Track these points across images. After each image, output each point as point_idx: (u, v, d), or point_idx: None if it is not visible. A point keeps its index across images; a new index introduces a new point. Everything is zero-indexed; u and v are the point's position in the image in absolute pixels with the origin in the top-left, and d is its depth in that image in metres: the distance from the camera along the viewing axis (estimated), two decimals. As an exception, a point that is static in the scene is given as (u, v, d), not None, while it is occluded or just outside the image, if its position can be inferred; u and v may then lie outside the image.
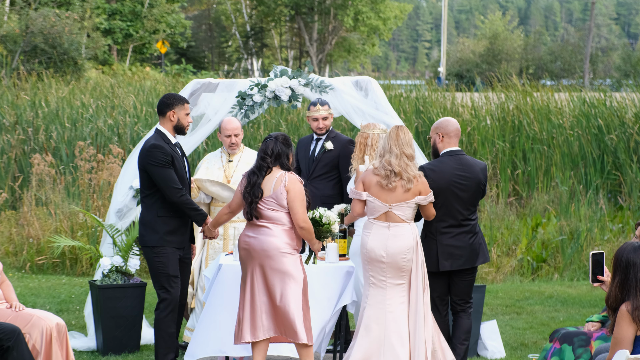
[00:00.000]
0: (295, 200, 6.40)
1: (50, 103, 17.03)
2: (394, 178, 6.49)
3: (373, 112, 8.11)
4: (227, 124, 7.82)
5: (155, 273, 6.83)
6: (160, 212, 6.79)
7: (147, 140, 6.86)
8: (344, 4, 48.96)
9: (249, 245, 6.46)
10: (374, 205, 6.55)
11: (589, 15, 60.38)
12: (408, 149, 6.54)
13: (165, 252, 6.80)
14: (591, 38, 48.10)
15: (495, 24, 59.89)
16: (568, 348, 6.27)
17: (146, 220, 6.83)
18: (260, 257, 6.42)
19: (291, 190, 6.40)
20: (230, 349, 7.09)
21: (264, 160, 6.45)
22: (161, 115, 6.89)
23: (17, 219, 12.54)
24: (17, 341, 6.17)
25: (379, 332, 6.50)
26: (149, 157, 6.72)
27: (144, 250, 6.87)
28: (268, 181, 6.43)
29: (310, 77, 8.20)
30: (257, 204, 6.41)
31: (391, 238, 6.51)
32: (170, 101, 6.88)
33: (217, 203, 7.82)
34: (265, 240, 6.41)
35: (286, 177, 6.42)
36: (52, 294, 10.14)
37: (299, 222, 6.42)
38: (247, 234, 6.50)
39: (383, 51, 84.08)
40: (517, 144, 15.43)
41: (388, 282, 6.53)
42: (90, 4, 35.73)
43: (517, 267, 11.66)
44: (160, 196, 6.78)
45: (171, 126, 6.88)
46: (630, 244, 5.28)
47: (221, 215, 6.76)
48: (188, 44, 47.12)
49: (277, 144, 6.48)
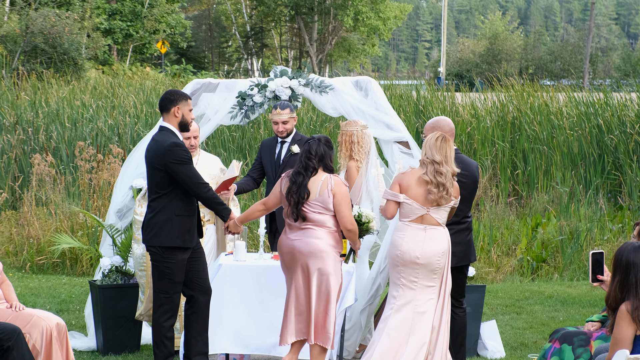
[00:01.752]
0: (342, 203, 6.40)
1: (51, 103, 17.03)
2: (442, 188, 6.44)
3: (373, 112, 8.11)
4: None
5: (160, 276, 6.64)
6: (178, 211, 6.58)
7: (162, 139, 6.61)
8: (344, 4, 48.97)
9: (293, 247, 6.41)
10: (411, 208, 6.49)
11: (588, 15, 60.38)
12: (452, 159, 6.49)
13: (175, 257, 6.61)
14: (591, 38, 48.09)
15: (495, 24, 59.92)
16: (568, 348, 6.28)
17: (160, 220, 6.57)
18: (305, 259, 6.39)
19: (337, 193, 6.40)
20: (231, 347, 7.10)
21: (310, 160, 6.41)
22: (165, 112, 6.69)
23: (17, 219, 12.55)
24: (17, 341, 6.17)
25: (404, 332, 6.49)
26: (171, 155, 6.50)
27: (153, 250, 6.65)
28: (313, 183, 6.41)
29: (310, 77, 8.20)
30: (302, 205, 6.38)
31: (428, 241, 6.48)
32: (173, 97, 6.70)
33: None
34: (310, 242, 6.38)
35: (332, 181, 6.42)
36: (52, 294, 10.14)
37: (346, 224, 6.42)
38: (290, 237, 6.46)
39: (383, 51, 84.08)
40: (517, 144, 15.43)
41: (419, 283, 6.51)
42: (90, 4, 35.74)
43: (517, 267, 11.66)
44: (177, 195, 6.58)
45: (176, 122, 6.69)
46: (630, 244, 5.28)
47: (254, 212, 6.71)
48: (188, 44, 47.14)
49: (321, 145, 6.47)
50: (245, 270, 7.16)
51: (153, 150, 6.61)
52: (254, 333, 7.13)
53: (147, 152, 6.68)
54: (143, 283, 7.60)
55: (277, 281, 7.10)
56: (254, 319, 7.13)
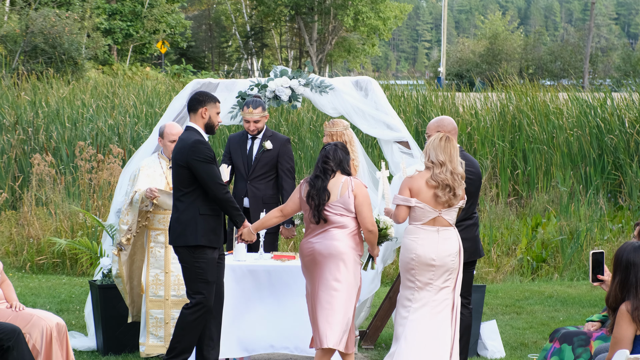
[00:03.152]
0: (363, 205, 6.41)
1: (51, 103, 17.03)
2: (448, 190, 6.48)
3: (373, 112, 8.11)
4: (171, 129, 7.54)
5: (192, 277, 6.56)
6: (202, 209, 6.55)
7: (187, 137, 6.58)
8: (344, 4, 48.97)
9: (313, 250, 6.41)
10: (424, 212, 6.50)
11: (588, 15, 60.38)
12: (456, 159, 6.54)
13: (206, 255, 6.56)
14: (591, 38, 48.10)
15: (495, 24, 59.93)
16: (568, 348, 6.28)
17: (185, 219, 6.54)
18: (325, 261, 6.38)
19: (359, 194, 6.41)
20: (230, 351, 7.09)
21: (327, 164, 6.43)
22: (192, 112, 6.66)
23: (17, 219, 12.55)
24: (17, 341, 6.17)
25: (423, 334, 6.51)
26: (195, 152, 6.48)
27: (180, 250, 6.59)
28: (333, 185, 6.42)
29: (310, 77, 8.20)
30: (323, 207, 6.38)
31: (442, 242, 6.52)
32: (202, 98, 6.68)
33: (156, 210, 7.56)
34: (331, 244, 6.38)
35: (352, 182, 6.43)
36: (52, 294, 10.14)
37: (367, 225, 6.43)
38: (310, 240, 6.46)
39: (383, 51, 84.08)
40: (517, 144, 15.43)
41: (434, 284, 6.54)
42: (90, 4, 35.73)
43: (517, 267, 11.66)
44: (200, 194, 6.55)
45: (202, 124, 6.65)
46: (631, 243, 5.28)
47: (270, 219, 6.70)
48: (188, 44, 47.12)
49: (338, 150, 6.49)
50: (245, 270, 7.15)
51: (178, 148, 6.61)
52: (254, 333, 7.13)
53: (173, 151, 6.69)
54: (121, 289, 7.57)
55: (277, 281, 7.11)
56: (254, 318, 7.13)
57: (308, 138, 15.56)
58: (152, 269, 7.60)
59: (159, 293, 7.60)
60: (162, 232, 7.55)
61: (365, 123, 8.14)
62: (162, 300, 7.60)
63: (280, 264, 7.18)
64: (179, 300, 7.58)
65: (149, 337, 7.56)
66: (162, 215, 7.55)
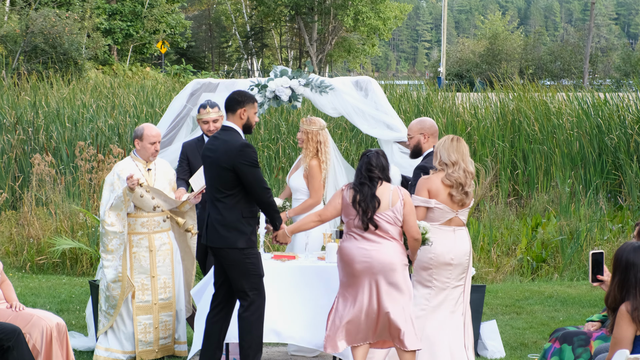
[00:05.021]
0: (412, 213, 6.45)
1: (51, 103, 17.03)
2: (461, 189, 6.62)
3: (373, 112, 8.11)
4: (151, 130, 7.41)
5: (246, 275, 6.54)
6: (245, 212, 6.54)
7: (232, 139, 6.52)
8: (344, 4, 48.98)
9: (370, 257, 6.40)
10: (442, 212, 6.64)
11: (588, 16, 60.38)
12: (468, 157, 6.68)
13: (255, 253, 6.58)
14: (591, 38, 48.09)
15: (495, 24, 59.95)
16: (568, 348, 6.28)
17: (229, 221, 6.51)
18: (382, 270, 6.40)
19: (407, 203, 6.45)
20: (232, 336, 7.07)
21: (372, 172, 6.43)
22: (230, 112, 6.61)
23: (17, 219, 12.54)
24: (17, 341, 6.17)
25: (440, 332, 6.65)
26: (243, 156, 6.44)
27: (229, 252, 6.55)
28: (382, 194, 6.43)
29: (310, 77, 8.20)
30: (374, 214, 6.39)
31: (458, 241, 6.68)
32: (240, 98, 6.62)
33: (137, 214, 7.42)
34: (387, 252, 6.41)
35: (401, 192, 6.46)
36: (52, 294, 10.14)
37: (414, 234, 6.46)
38: (363, 247, 6.44)
39: (383, 51, 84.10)
40: (517, 144, 15.43)
41: (451, 283, 6.69)
42: (90, 4, 35.74)
43: (517, 267, 11.66)
44: (243, 196, 6.53)
45: (241, 124, 6.62)
46: (630, 244, 5.27)
47: (308, 222, 6.71)
48: (188, 44, 47.15)
49: (379, 157, 6.49)
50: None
51: (222, 150, 6.53)
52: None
53: (210, 150, 6.60)
54: (116, 295, 7.37)
55: (277, 280, 7.10)
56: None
57: (308, 138, 15.54)
58: (137, 275, 7.43)
59: (145, 298, 7.45)
60: (145, 236, 7.43)
61: (365, 123, 8.14)
62: (150, 305, 7.46)
63: (280, 264, 7.18)
64: (166, 304, 7.51)
65: (137, 344, 7.43)
66: (145, 218, 7.43)
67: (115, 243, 7.30)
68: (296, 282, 7.10)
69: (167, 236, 7.54)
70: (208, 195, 6.69)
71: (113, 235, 7.28)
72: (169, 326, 7.54)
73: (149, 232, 7.42)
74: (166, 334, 7.53)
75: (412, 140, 7.23)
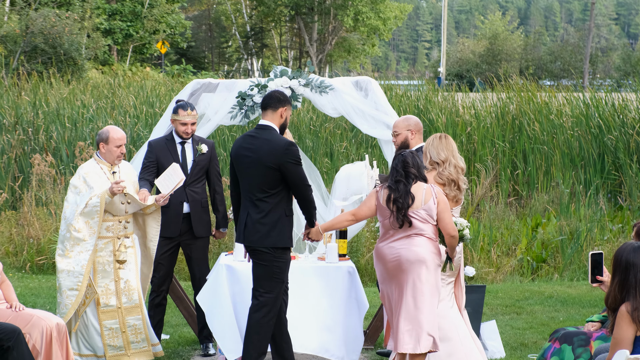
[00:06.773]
0: (446, 211, 6.45)
1: (51, 103, 17.04)
2: (454, 184, 6.73)
3: (373, 112, 8.11)
4: (116, 133, 7.29)
5: (267, 276, 6.52)
6: (287, 211, 6.54)
7: (274, 138, 6.50)
8: (344, 4, 48.98)
9: (399, 256, 6.41)
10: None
11: (588, 16, 60.38)
12: (457, 153, 6.80)
13: (285, 256, 6.57)
14: (591, 38, 48.10)
15: (495, 24, 59.93)
16: (568, 348, 6.28)
17: (272, 220, 6.50)
18: (412, 267, 6.40)
19: (441, 201, 6.46)
20: (233, 352, 7.07)
21: (407, 170, 6.43)
22: (271, 109, 6.60)
23: (17, 219, 12.55)
24: (17, 341, 6.18)
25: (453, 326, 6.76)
26: (289, 155, 6.44)
27: (263, 250, 6.52)
28: (416, 191, 6.43)
29: (310, 78, 8.20)
30: (408, 211, 6.39)
31: None
32: (283, 97, 6.61)
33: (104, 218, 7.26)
34: (419, 251, 6.40)
35: (434, 190, 6.47)
36: (52, 294, 10.14)
37: (450, 231, 6.48)
38: (393, 245, 6.45)
39: (383, 51, 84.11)
40: (517, 144, 15.43)
41: (446, 279, 6.80)
42: (90, 4, 35.75)
43: (517, 267, 11.66)
44: (285, 195, 6.53)
45: (279, 123, 6.61)
46: (630, 244, 5.27)
47: (341, 221, 6.72)
48: (188, 44, 47.16)
49: (414, 156, 6.49)
50: (246, 269, 7.15)
51: (265, 149, 6.50)
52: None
53: (250, 150, 6.55)
54: (69, 304, 7.12)
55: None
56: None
57: (308, 138, 15.57)
58: (101, 279, 7.28)
59: (110, 303, 7.28)
60: (110, 241, 7.29)
61: (365, 123, 8.14)
62: (115, 309, 7.30)
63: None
64: (131, 307, 7.33)
65: (106, 349, 7.27)
66: (110, 222, 7.29)
67: (76, 250, 7.12)
68: (296, 282, 7.10)
69: (130, 241, 7.41)
70: (246, 195, 6.60)
71: (76, 242, 7.11)
72: (139, 330, 7.35)
73: (114, 237, 7.29)
74: (138, 338, 7.34)
75: (399, 137, 7.30)
